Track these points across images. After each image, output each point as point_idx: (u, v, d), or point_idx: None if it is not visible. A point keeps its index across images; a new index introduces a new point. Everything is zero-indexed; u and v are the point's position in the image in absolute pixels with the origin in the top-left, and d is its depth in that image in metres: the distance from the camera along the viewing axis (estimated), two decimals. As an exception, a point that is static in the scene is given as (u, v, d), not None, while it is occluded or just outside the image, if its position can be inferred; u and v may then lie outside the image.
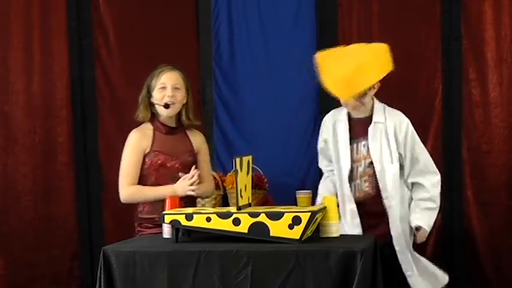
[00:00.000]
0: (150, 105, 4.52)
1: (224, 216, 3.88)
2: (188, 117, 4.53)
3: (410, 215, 4.47)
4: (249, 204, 4.06)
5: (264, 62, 5.38)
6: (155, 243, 4.00)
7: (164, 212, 4.03)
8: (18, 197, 5.35)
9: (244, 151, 4.87)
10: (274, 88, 5.35)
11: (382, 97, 4.59)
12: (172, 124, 4.53)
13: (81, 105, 5.44)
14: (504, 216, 5.14)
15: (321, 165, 4.71)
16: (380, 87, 4.58)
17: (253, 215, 3.84)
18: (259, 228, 3.82)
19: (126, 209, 5.34)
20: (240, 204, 3.91)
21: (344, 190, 4.49)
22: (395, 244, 4.43)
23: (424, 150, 4.52)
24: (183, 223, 3.93)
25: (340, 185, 4.52)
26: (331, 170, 4.61)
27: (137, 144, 4.48)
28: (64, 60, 5.40)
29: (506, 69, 5.14)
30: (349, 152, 4.49)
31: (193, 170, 4.38)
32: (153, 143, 4.48)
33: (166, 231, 4.07)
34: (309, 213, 3.80)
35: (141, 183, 4.47)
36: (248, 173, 4.08)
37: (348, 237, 4.14)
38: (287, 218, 3.81)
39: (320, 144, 4.65)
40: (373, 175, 4.45)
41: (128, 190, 4.46)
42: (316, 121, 5.29)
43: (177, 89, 4.48)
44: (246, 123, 5.29)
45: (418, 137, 4.51)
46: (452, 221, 5.22)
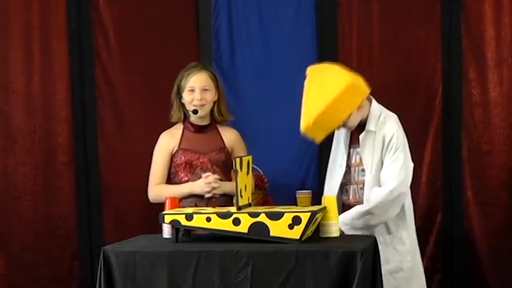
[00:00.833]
0: (182, 105, 4.56)
1: (224, 216, 3.88)
2: (221, 113, 4.58)
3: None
4: (249, 204, 4.06)
5: (264, 62, 5.38)
6: (155, 243, 4.00)
7: (164, 212, 4.04)
8: (18, 197, 5.35)
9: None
10: (274, 88, 5.35)
11: (382, 97, 4.58)
12: (204, 122, 4.60)
13: (81, 105, 5.43)
14: (504, 216, 5.14)
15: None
16: (380, 87, 4.58)
17: (253, 215, 3.84)
18: (259, 228, 3.82)
19: (126, 209, 5.37)
20: (240, 204, 3.91)
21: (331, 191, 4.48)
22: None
23: (398, 158, 4.38)
24: (183, 223, 3.93)
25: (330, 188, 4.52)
26: None
27: (164, 146, 4.59)
28: (64, 60, 5.39)
29: (506, 69, 5.14)
30: (345, 157, 4.49)
31: (207, 174, 4.40)
32: (180, 142, 4.54)
33: (166, 231, 4.07)
34: (309, 213, 3.80)
35: (171, 181, 4.56)
36: (248, 173, 4.08)
37: (348, 237, 4.14)
38: (287, 218, 3.81)
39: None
40: None
41: (154, 189, 4.56)
42: (316, 121, 5.29)
43: (205, 90, 4.53)
44: (246, 123, 5.28)
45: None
46: (452, 221, 5.22)
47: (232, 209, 3.97)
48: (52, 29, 5.38)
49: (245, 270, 3.75)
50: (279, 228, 3.81)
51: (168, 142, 4.59)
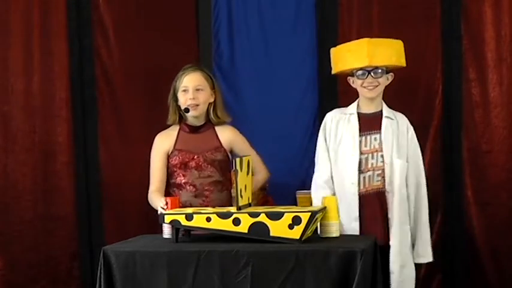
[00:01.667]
0: (178, 108, 4.56)
1: (224, 216, 3.88)
2: (216, 115, 4.56)
3: None
4: (249, 204, 4.06)
5: (264, 62, 5.38)
6: (155, 243, 4.00)
7: (164, 212, 4.04)
8: (18, 197, 5.35)
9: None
10: (274, 88, 5.35)
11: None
12: (199, 123, 4.58)
13: (81, 105, 5.44)
14: (504, 216, 5.14)
15: (320, 174, 4.61)
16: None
17: (253, 215, 3.84)
18: (259, 228, 3.83)
19: (126, 209, 5.37)
20: (240, 204, 3.91)
21: (350, 180, 4.47)
22: (391, 244, 4.40)
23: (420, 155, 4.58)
24: (183, 223, 3.94)
25: (342, 178, 4.50)
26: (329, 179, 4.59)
27: (160, 147, 4.57)
28: (64, 60, 5.39)
29: (506, 69, 5.14)
30: (357, 143, 4.49)
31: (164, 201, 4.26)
32: (175, 142, 4.53)
33: (166, 231, 4.08)
34: (309, 213, 3.80)
35: (169, 181, 4.55)
36: (248, 173, 4.09)
37: (348, 237, 4.14)
38: (287, 218, 3.81)
39: (320, 147, 4.63)
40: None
41: (150, 195, 4.52)
42: (316, 121, 5.29)
43: (199, 90, 4.51)
44: (246, 123, 5.28)
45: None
46: (452, 221, 5.22)
47: (232, 209, 3.98)
48: (52, 29, 5.38)
49: (245, 270, 3.75)
50: (279, 228, 3.81)
51: (163, 143, 4.57)
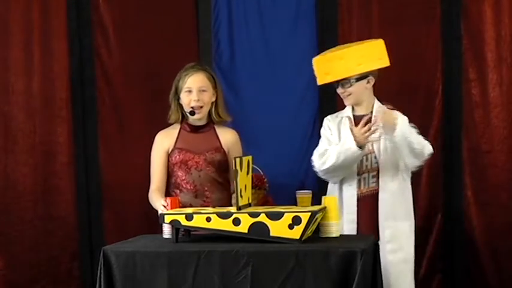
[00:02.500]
0: (180, 107, 4.55)
1: (224, 216, 3.88)
2: (218, 115, 4.56)
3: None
4: (249, 204, 4.06)
5: (264, 62, 5.38)
6: (155, 243, 4.00)
7: (164, 212, 4.04)
8: (18, 197, 5.35)
9: (244, 151, 4.87)
10: (274, 88, 5.35)
11: (382, 97, 4.59)
12: (200, 122, 4.58)
13: (81, 105, 5.44)
14: (504, 216, 5.14)
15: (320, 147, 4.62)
16: (380, 87, 4.58)
17: (253, 215, 3.84)
18: (259, 228, 3.82)
19: (126, 209, 5.37)
20: (240, 204, 3.91)
21: (348, 182, 4.48)
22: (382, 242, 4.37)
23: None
24: (183, 223, 3.94)
25: (342, 179, 4.51)
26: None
27: (160, 146, 4.56)
28: (64, 60, 5.40)
29: (506, 69, 5.14)
30: None
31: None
32: (176, 141, 4.53)
33: (166, 231, 4.07)
34: (309, 213, 3.80)
35: (169, 181, 4.54)
36: (248, 173, 4.08)
37: (348, 237, 4.14)
38: (287, 218, 3.81)
39: (324, 140, 4.64)
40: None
41: (151, 195, 4.50)
42: (316, 121, 5.29)
43: (203, 91, 4.50)
44: (246, 123, 5.28)
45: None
46: (452, 221, 5.22)
47: (232, 209, 3.98)
48: (52, 29, 5.38)
49: (245, 270, 3.75)
50: (279, 228, 3.81)
51: (164, 141, 4.57)
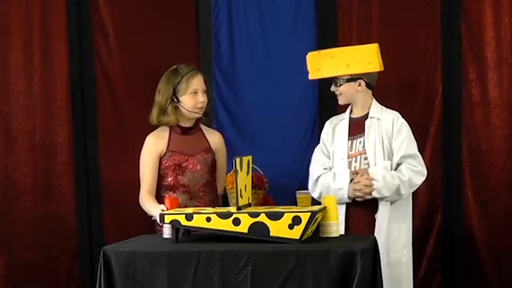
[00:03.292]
0: (176, 108, 4.51)
1: (224, 216, 3.88)
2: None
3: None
4: (249, 204, 4.06)
5: (264, 62, 5.38)
6: (155, 243, 4.00)
7: (164, 212, 4.04)
8: (18, 197, 5.35)
9: (244, 151, 4.87)
10: (274, 88, 5.35)
11: (382, 97, 4.59)
12: (190, 124, 4.55)
13: (81, 105, 5.44)
14: (504, 216, 5.14)
15: (314, 169, 4.66)
16: (380, 88, 4.58)
17: (253, 215, 3.84)
18: (259, 228, 3.82)
19: (126, 209, 5.37)
20: (240, 204, 3.91)
21: (340, 183, 4.48)
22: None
23: (415, 147, 4.50)
24: (183, 223, 3.93)
25: (334, 179, 4.51)
26: (325, 168, 4.60)
27: (153, 149, 4.52)
28: (64, 60, 5.39)
29: (506, 69, 5.14)
30: (346, 147, 4.49)
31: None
32: (168, 144, 4.50)
33: (166, 231, 4.08)
34: (309, 213, 3.80)
35: (160, 183, 4.50)
36: (248, 173, 4.08)
37: (348, 237, 4.14)
38: (287, 218, 3.81)
39: (318, 149, 4.64)
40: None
41: (142, 199, 4.49)
42: (316, 121, 5.29)
43: (205, 92, 4.51)
44: (246, 123, 5.29)
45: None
46: (452, 221, 5.22)
47: (232, 209, 3.98)
48: (52, 29, 5.38)
49: (245, 270, 3.75)
50: (279, 228, 3.81)
51: (156, 145, 4.52)
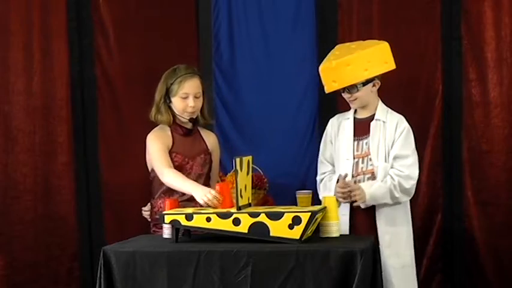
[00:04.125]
0: (169, 108, 4.49)
1: (224, 216, 3.88)
2: (203, 117, 4.54)
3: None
4: (249, 204, 4.06)
5: (264, 62, 5.38)
6: (155, 243, 4.00)
7: (164, 212, 4.04)
8: (18, 197, 5.35)
9: (244, 151, 4.87)
10: (274, 88, 5.35)
11: (381, 97, 4.59)
12: (189, 125, 4.53)
13: (81, 105, 5.44)
14: (504, 216, 5.14)
15: (320, 172, 4.65)
16: (380, 88, 4.58)
17: (253, 215, 3.84)
18: (259, 228, 3.82)
19: (126, 209, 5.37)
20: (240, 204, 3.91)
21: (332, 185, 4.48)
22: (381, 247, 4.35)
23: (409, 148, 4.48)
24: (183, 223, 3.93)
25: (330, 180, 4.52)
26: (328, 171, 4.60)
27: (162, 140, 4.43)
28: (64, 60, 5.39)
29: (506, 69, 5.14)
30: (352, 147, 4.49)
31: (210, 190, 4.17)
32: (173, 144, 4.48)
33: (166, 231, 4.07)
34: (309, 213, 3.80)
35: (160, 183, 4.42)
36: (248, 173, 4.08)
37: (348, 237, 4.14)
38: (287, 218, 3.81)
39: (322, 147, 4.64)
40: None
41: (169, 173, 4.31)
42: (316, 121, 5.29)
43: (197, 97, 4.46)
44: (246, 123, 5.29)
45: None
46: (452, 221, 5.22)
47: (232, 209, 3.98)
48: (52, 29, 5.38)
49: (245, 270, 3.75)
50: (279, 228, 3.81)
51: (164, 139, 4.46)
